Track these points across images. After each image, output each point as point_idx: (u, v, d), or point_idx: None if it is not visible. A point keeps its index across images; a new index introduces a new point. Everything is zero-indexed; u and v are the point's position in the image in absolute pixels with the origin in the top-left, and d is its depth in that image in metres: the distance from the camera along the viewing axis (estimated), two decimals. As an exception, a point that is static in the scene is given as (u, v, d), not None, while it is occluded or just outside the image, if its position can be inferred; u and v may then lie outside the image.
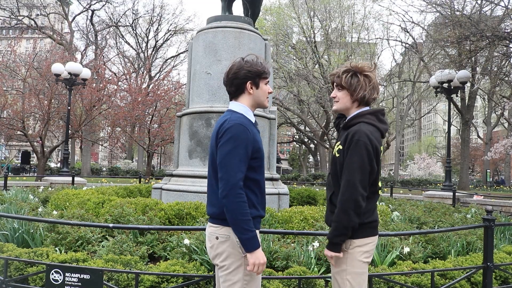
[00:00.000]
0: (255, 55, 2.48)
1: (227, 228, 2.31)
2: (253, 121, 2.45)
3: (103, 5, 34.30)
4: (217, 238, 2.35)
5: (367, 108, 2.50)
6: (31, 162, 37.54)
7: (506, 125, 38.37)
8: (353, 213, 2.29)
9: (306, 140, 40.33)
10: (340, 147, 2.42)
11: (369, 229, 2.41)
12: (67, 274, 3.41)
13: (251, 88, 2.42)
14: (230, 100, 2.51)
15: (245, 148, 2.27)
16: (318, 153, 37.99)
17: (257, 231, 2.42)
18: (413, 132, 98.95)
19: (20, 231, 5.04)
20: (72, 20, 33.74)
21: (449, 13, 16.24)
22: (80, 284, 3.39)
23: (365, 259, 2.40)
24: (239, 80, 2.40)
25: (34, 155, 23.93)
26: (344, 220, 2.30)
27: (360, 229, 2.36)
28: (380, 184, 2.50)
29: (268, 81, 2.50)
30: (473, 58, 15.86)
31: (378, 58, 32.40)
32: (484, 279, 4.01)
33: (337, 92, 2.52)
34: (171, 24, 40.61)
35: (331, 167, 2.55)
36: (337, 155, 2.44)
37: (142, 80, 30.84)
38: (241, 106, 2.43)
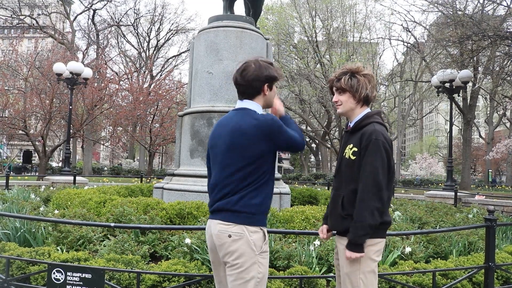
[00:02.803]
0: (265, 59, 2.55)
1: (240, 226, 2.32)
2: None
3: (105, 5, 34.39)
4: (229, 236, 2.33)
5: (369, 109, 2.52)
6: (32, 162, 37.58)
7: (508, 124, 38.35)
8: (378, 212, 2.29)
9: (307, 139, 40.31)
10: (355, 149, 2.41)
11: (382, 231, 2.42)
12: (68, 274, 3.41)
13: (267, 90, 2.50)
14: (241, 99, 2.53)
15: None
16: (319, 152, 37.98)
17: (265, 229, 2.45)
18: (414, 132, 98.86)
19: (21, 230, 5.04)
20: (74, 19, 33.77)
21: (451, 13, 16.19)
22: (81, 283, 3.39)
23: (377, 257, 2.42)
24: (260, 82, 2.47)
25: (36, 154, 23.96)
26: (370, 219, 2.28)
27: (375, 229, 2.38)
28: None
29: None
30: (475, 58, 15.83)
31: (379, 57, 32.38)
32: (485, 279, 4.00)
33: (338, 96, 2.53)
34: (172, 24, 40.90)
35: (341, 170, 2.51)
36: (352, 157, 2.42)
37: (144, 80, 30.90)
38: (256, 106, 2.49)
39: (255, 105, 2.48)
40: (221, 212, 2.39)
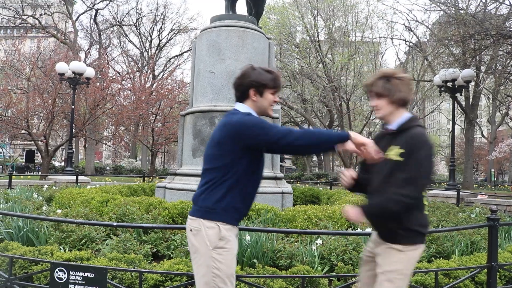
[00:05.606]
0: (270, 69, 2.58)
1: (199, 221, 2.38)
2: None
3: (107, 4, 34.39)
4: (190, 230, 2.42)
5: (407, 112, 2.56)
6: (35, 161, 37.69)
7: (510, 124, 38.25)
8: (402, 211, 2.34)
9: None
10: (402, 150, 2.41)
11: (420, 237, 2.50)
12: (71, 273, 3.42)
13: (255, 95, 2.50)
14: (236, 102, 2.60)
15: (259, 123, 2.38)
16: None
17: (236, 229, 2.48)
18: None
19: (24, 230, 5.06)
20: (76, 19, 33.83)
21: (454, 12, 16.16)
22: (84, 282, 3.40)
23: (416, 263, 2.53)
24: (244, 86, 2.50)
25: (39, 154, 24.03)
26: (392, 206, 2.32)
27: (423, 235, 2.48)
28: None
29: (275, 92, 2.54)
30: (477, 57, 15.80)
31: (382, 57, 32.27)
32: (488, 279, 3.99)
33: (376, 100, 2.55)
34: (174, 23, 40.69)
35: (383, 172, 2.48)
36: (400, 159, 2.40)
37: (146, 79, 30.89)
38: (247, 108, 2.52)
39: (243, 107, 2.52)
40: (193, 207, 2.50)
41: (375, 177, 2.55)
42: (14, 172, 26.99)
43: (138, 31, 38.45)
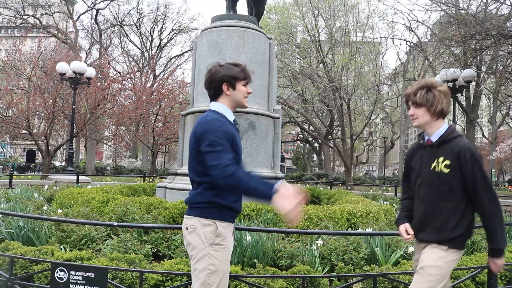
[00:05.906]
0: (236, 63, 2.63)
1: (195, 219, 2.43)
2: (232, 120, 2.59)
3: (108, 4, 34.44)
4: (186, 228, 2.47)
5: (446, 123, 2.62)
6: (36, 161, 37.69)
7: (511, 124, 38.19)
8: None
9: (310, 139, 40.25)
10: (448, 162, 2.48)
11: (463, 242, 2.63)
12: (72, 272, 3.42)
13: (228, 89, 2.56)
14: (210, 101, 2.65)
15: (224, 137, 2.39)
16: (322, 152, 37.91)
17: (232, 226, 2.53)
18: (417, 131, 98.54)
19: (25, 229, 5.06)
20: (77, 19, 33.85)
21: (454, 12, 16.13)
22: (84, 282, 3.40)
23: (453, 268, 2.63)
24: (216, 83, 2.56)
25: (39, 153, 24.04)
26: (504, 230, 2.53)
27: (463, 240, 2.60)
28: None
29: (247, 83, 2.60)
30: (478, 57, 15.78)
31: (382, 57, 32.27)
32: (489, 279, 3.98)
33: (414, 109, 2.60)
34: (175, 23, 40.66)
35: (431, 183, 2.55)
36: (445, 170, 2.48)
37: (147, 79, 30.93)
38: (220, 106, 2.58)
39: (217, 106, 2.58)
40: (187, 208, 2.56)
41: (423, 189, 2.61)
42: (15, 172, 27.01)
43: (139, 31, 38.49)
